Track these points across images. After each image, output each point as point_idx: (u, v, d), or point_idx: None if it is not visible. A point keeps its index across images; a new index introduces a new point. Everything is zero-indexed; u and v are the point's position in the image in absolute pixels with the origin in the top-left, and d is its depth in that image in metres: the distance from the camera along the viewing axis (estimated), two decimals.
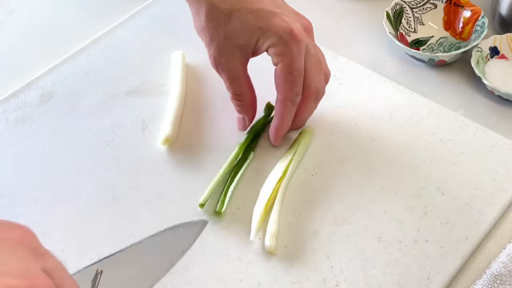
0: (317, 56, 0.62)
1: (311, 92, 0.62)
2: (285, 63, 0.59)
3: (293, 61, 0.59)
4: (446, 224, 0.59)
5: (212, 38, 0.60)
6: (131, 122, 0.70)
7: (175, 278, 0.57)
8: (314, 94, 0.63)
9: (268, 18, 0.58)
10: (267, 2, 0.60)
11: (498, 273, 0.55)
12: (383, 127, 0.68)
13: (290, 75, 0.59)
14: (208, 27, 0.59)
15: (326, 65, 0.65)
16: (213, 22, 0.59)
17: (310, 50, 0.61)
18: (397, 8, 0.78)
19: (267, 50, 0.60)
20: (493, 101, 0.71)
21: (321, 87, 0.63)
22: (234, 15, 0.58)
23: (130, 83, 0.74)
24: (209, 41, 0.60)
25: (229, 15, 0.58)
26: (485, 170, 0.63)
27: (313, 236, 0.59)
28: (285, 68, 0.59)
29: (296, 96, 0.61)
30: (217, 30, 0.59)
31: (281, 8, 0.61)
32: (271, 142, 0.65)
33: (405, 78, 0.75)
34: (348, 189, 0.62)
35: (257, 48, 0.60)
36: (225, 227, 0.60)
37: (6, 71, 0.79)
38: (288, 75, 0.59)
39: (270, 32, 0.58)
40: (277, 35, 0.58)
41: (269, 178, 0.63)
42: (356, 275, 0.56)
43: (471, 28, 0.75)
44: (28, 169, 0.66)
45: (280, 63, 0.59)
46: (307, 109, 0.64)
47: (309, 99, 0.63)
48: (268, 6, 0.59)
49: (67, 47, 0.79)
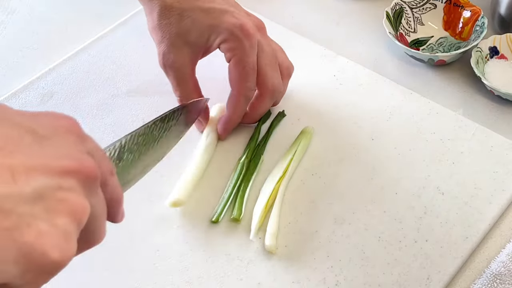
0: (272, 52, 0.63)
1: (267, 88, 0.63)
2: (237, 57, 0.60)
3: (245, 55, 0.60)
4: (446, 224, 0.59)
5: (163, 35, 0.60)
6: (131, 122, 0.70)
7: (175, 278, 0.57)
8: (270, 90, 0.63)
9: (219, 16, 0.59)
10: (219, 1, 0.61)
11: (497, 272, 0.56)
12: (383, 127, 0.68)
13: (243, 70, 0.60)
14: (160, 25, 0.60)
15: (287, 60, 0.65)
16: (165, 20, 0.60)
17: (264, 47, 0.62)
18: (397, 8, 0.78)
19: (220, 47, 0.60)
20: (493, 101, 0.71)
21: (278, 82, 0.64)
22: (186, 14, 0.59)
23: (130, 83, 0.74)
24: (160, 38, 0.61)
25: (181, 13, 0.59)
26: (484, 170, 0.63)
27: (313, 236, 0.59)
28: (237, 63, 0.60)
29: (249, 91, 0.62)
30: (169, 28, 0.60)
31: (234, 7, 0.62)
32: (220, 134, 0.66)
33: (405, 78, 0.75)
34: (348, 189, 0.62)
35: (208, 45, 0.61)
36: (225, 227, 0.60)
37: (6, 71, 0.79)
38: (241, 69, 0.60)
39: (221, 28, 0.59)
40: (228, 30, 0.59)
41: (269, 178, 0.63)
42: (356, 274, 0.56)
43: (471, 28, 0.76)
44: None
45: (233, 58, 0.60)
46: (262, 105, 0.64)
47: (265, 95, 0.63)
48: (220, 5, 0.60)
49: (67, 47, 0.79)
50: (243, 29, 0.59)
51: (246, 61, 0.60)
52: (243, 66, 0.60)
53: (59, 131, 0.35)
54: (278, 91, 0.64)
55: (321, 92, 0.71)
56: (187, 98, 0.63)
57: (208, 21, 0.59)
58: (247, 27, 0.59)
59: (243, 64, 0.60)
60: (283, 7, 0.85)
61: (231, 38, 0.59)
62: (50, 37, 0.83)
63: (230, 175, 0.64)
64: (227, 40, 0.59)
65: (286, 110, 0.69)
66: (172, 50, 0.61)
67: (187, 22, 0.59)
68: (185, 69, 0.62)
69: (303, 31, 0.81)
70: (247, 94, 0.62)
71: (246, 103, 0.63)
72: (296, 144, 0.65)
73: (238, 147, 0.66)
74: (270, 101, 0.65)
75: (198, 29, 0.60)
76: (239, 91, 0.62)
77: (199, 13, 0.59)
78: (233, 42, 0.59)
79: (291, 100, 0.71)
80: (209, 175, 0.64)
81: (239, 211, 0.60)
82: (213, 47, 0.61)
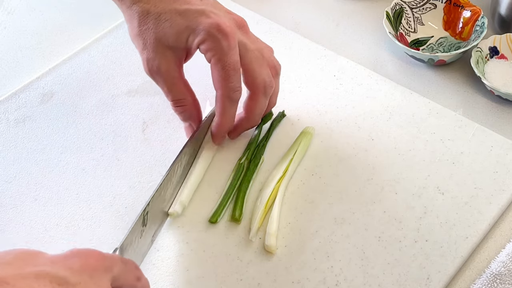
0: (257, 50, 0.62)
1: (258, 86, 0.62)
2: (216, 57, 0.59)
3: (224, 55, 0.58)
4: (446, 224, 0.59)
5: (144, 42, 0.60)
6: (132, 122, 0.70)
7: (175, 278, 0.57)
8: (261, 88, 0.62)
9: (195, 17, 0.58)
10: (197, 2, 0.60)
11: (497, 272, 0.56)
12: (383, 127, 0.68)
13: (223, 70, 0.59)
14: (140, 31, 0.59)
15: (273, 58, 0.64)
16: (144, 26, 0.59)
17: (248, 45, 0.61)
18: (397, 8, 0.78)
19: (199, 48, 0.59)
20: (493, 101, 0.71)
21: (268, 79, 0.62)
22: (163, 17, 0.58)
23: (130, 83, 0.74)
24: (142, 45, 0.60)
25: (159, 18, 0.58)
26: (484, 170, 0.63)
27: (313, 236, 0.59)
28: (217, 63, 0.59)
29: (234, 92, 0.60)
30: (148, 34, 0.59)
31: (212, 6, 0.61)
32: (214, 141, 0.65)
33: (405, 78, 0.75)
34: (348, 189, 0.62)
35: (188, 48, 0.60)
36: (225, 227, 0.60)
37: (6, 71, 0.79)
38: (221, 70, 0.59)
39: (198, 29, 0.58)
40: (204, 31, 0.58)
41: (269, 178, 0.63)
42: (356, 274, 0.56)
43: (471, 28, 0.76)
44: (28, 169, 0.66)
45: (212, 59, 0.59)
46: (257, 104, 0.63)
47: (257, 94, 0.62)
48: (197, 6, 0.59)
49: (67, 47, 0.80)
50: (219, 28, 0.58)
51: (226, 61, 0.59)
52: (222, 66, 0.59)
53: (88, 270, 0.40)
54: (270, 87, 0.63)
55: (321, 92, 0.71)
56: (182, 101, 0.62)
57: (185, 23, 0.58)
58: (223, 26, 0.58)
59: (222, 64, 0.59)
60: (283, 7, 0.85)
61: (208, 38, 0.58)
62: (50, 37, 0.83)
63: (230, 175, 0.64)
64: (204, 41, 0.58)
65: (286, 110, 0.70)
66: (155, 56, 0.60)
67: (164, 26, 0.58)
68: (172, 73, 0.61)
69: (303, 31, 0.81)
70: (231, 96, 0.61)
71: (233, 105, 0.62)
72: (296, 144, 0.66)
73: (239, 147, 0.66)
74: (264, 99, 0.63)
75: (176, 31, 0.58)
76: (222, 93, 0.61)
77: (176, 16, 0.58)
78: (210, 42, 0.58)
79: (291, 100, 0.71)
80: (209, 175, 0.64)
81: (239, 211, 0.60)
82: (193, 48, 0.60)
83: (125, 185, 0.64)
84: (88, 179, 0.65)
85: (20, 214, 0.62)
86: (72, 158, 0.67)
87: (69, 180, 0.65)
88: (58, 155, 0.67)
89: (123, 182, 0.65)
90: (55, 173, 0.66)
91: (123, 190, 0.64)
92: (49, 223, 0.62)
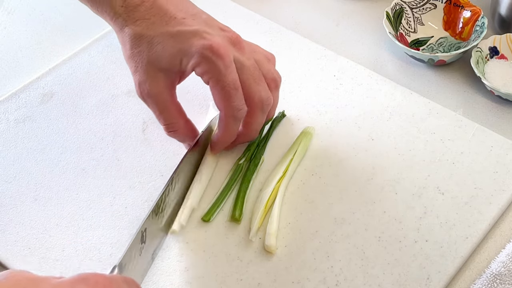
0: (253, 66, 0.60)
1: (255, 103, 0.60)
2: (214, 79, 0.57)
3: (222, 76, 0.57)
4: (446, 224, 0.59)
5: (136, 64, 0.59)
6: (132, 122, 0.70)
7: (175, 278, 0.57)
8: (259, 105, 0.61)
9: (188, 39, 0.57)
10: (189, 21, 0.58)
11: (497, 272, 0.56)
12: (383, 127, 0.68)
13: (223, 90, 0.58)
14: (132, 54, 0.59)
15: (273, 70, 0.63)
16: (136, 49, 0.58)
17: (243, 62, 0.59)
18: (397, 8, 0.78)
19: (195, 71, 0.58)
20: (493, 101, 0.71)
21: (265, 96, 0.61)
22: (156, 40, 0.57)
23: (130, 83, 0.74)
24: (134, 68, 0.59)
25: (151, 41, 0.57)
26: (484, 170, 0.63)
27: (313, 236, 0.59)
28: (216, 84, 0.58)
29: (238, 111, 0.59)
30: (140, 57, 0.58)
31: (205, 24, 0.59)
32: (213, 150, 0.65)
33: (405, 78, 0.75)
34: (348, 189, 0.63)
35: (182, 70, 0.59)
36: (225, 226, 0.60)
37: (6, 71, 0.79)
38: (221, 90, 0.58)
39: (191, 52, 0.57)
40: (198, 53, 0.57)
41: (269, 178, 0.63)
42: (356, 274, 0.56)
43: (471, 28, 0.76)
44: (28, 169, 0.66)
45: (210, 81, 0.58)
46: (255, 120, 0.62)
47: (255, 111, 0.61)
48: (189, 26, 0.58)
49: (67, 47, 0.80)
50: (213, 50, 0.56)
51: (224, 81, 0.57)
52: (221, 86, 0.58)
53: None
54: (267, 104, 0.62)
55: (321, 92, 0.72)
56: (174, 125, 0.61)
57: (178, 45, 0.57)
58: (217, 47, 0.57)
59: (221, 84, 0.58)
60: (283, 7, 0.85)
61: (203, 61, 0.57)
62: (50, 37, 0.83)
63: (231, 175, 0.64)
64: (199, 64, 0.57)
65: (286, 110, 0.70)
66: (146, 79, 0.59)
67: (157, 49, 0.57)
68: (163, 96, 0.59)
69: (303, 31, 0.81)
70: (235, 115, 0.60)
71: (237, 123, 0.61)
72: (296, 144, 0.66)
73: (239, 147, 0.66)
74: (262, 115, 0.62)
75: (169, 55, 0.57)
76: (225, 113, 0.60)
77: (168, 39, 0.57)
78: (205, 64, 0.57)
79: (291, 100, 0.71)
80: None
81: (239, 211, 0.60)
82: (187, 71, 0.59)
83: (125, 185, 0.64)
84: (88, 179, 0.65)
85: (20, 214, 0.62)
86: (72, 158, 0.67)
87: (69, 180, 0.65)
88: (58, 155, 0.67)
89: (123, 182, 0.65)
90: (55, 173, 0.66)
91: (123, 190, 0.64)
92: (49, 223, 0.62)
